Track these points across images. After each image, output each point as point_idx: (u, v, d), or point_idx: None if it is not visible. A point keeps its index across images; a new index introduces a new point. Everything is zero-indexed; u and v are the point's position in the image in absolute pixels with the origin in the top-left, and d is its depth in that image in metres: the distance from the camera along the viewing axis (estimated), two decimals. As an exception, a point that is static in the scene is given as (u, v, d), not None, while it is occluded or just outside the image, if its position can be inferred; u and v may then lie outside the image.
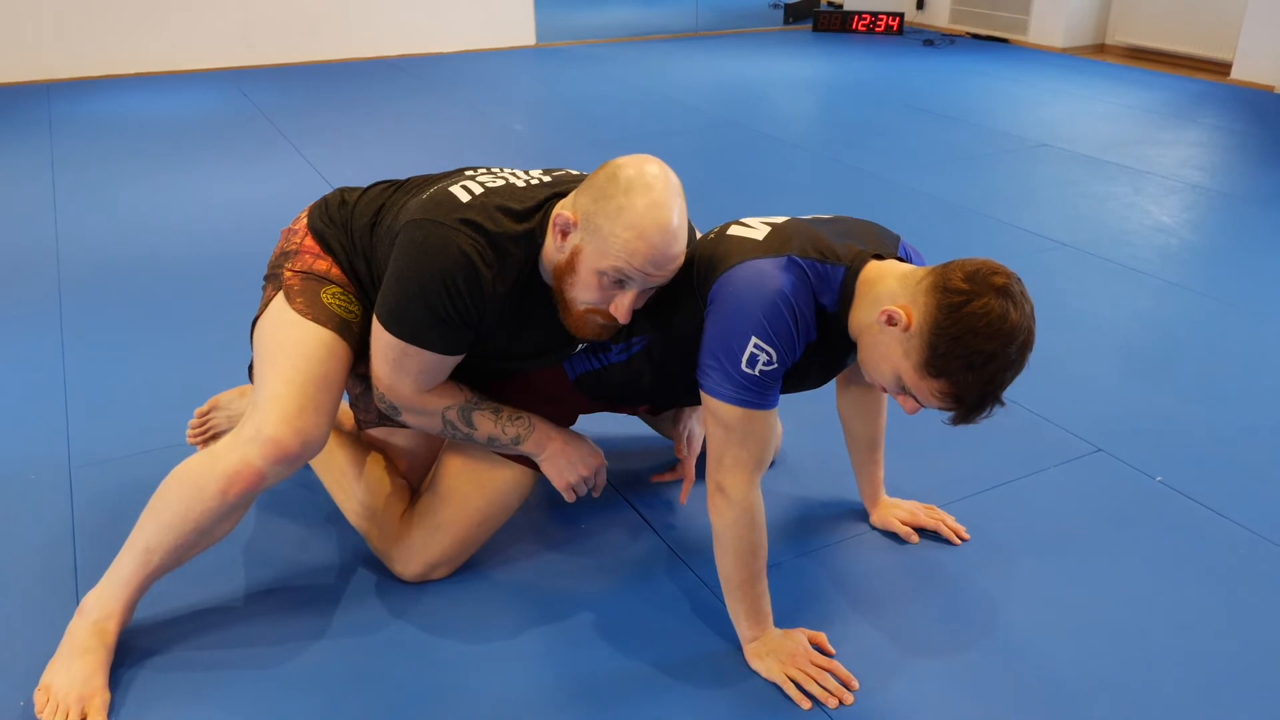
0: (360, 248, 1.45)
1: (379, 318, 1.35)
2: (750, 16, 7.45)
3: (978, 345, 1.13)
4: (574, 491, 1.51)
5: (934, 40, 6.32)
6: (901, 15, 6.57)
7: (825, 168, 3.71)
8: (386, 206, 1.46)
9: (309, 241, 1.48)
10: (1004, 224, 3.12)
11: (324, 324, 1.39)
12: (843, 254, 1.29)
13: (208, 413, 1.76)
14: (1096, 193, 3.43)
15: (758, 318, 1.24)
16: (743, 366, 1.25)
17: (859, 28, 6.62)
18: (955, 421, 1.21)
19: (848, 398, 1.63)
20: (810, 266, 1.27)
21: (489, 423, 1.44)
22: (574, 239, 1.28)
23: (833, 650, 1.40)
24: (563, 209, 1.31)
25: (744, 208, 3.21)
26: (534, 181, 1.41)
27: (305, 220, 1.53)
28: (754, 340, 1.24)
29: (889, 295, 1.23)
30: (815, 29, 6.73)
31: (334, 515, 1.71)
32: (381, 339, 1.35)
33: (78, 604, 1.41)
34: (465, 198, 1.34)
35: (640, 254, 1.24)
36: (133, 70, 5.26)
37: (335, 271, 1.45)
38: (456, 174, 1.44)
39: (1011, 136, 4.14)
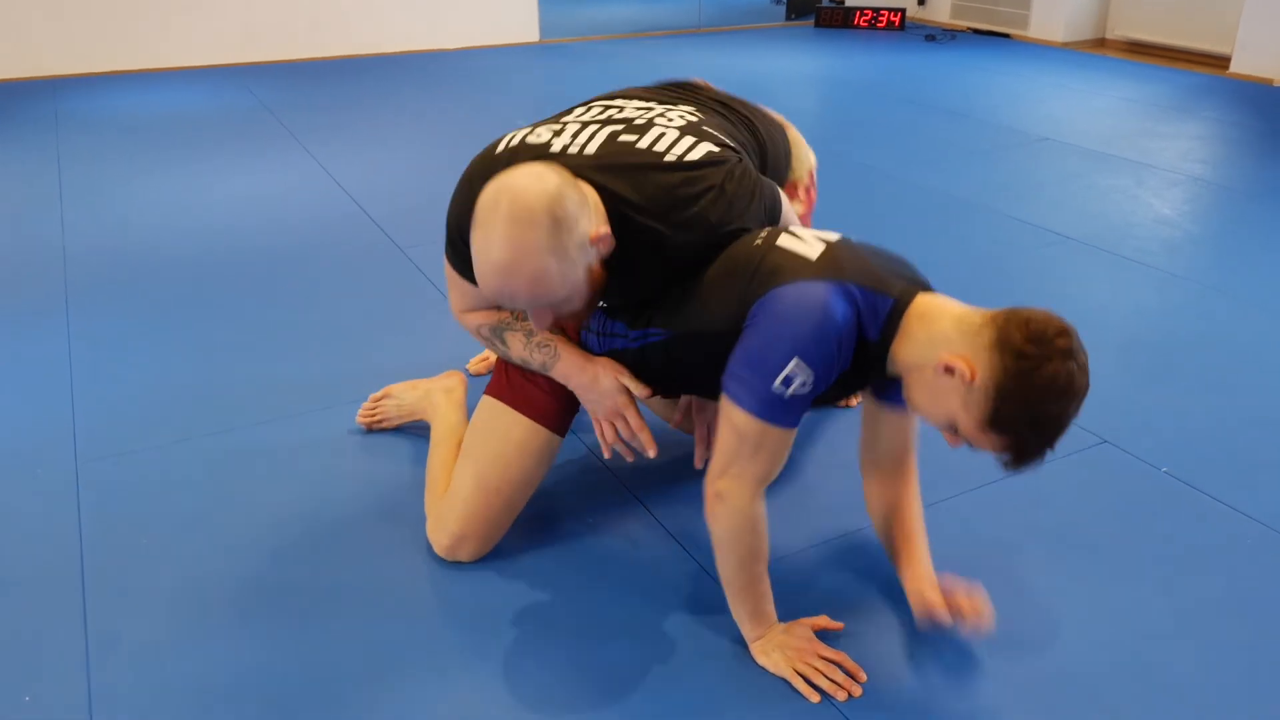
0: None
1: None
2: (752, 12, 7.45)
3: (1044, 410, 1.14)
4: (612, 444, 1.50)
5: (936, 36, 6.33)
6: (903, 11, 6.57)
7: (828, 163, 3.71)
8: None
9: None
10: (1008, 218, 3.14)
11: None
12: (892, 285, 1.27)
13: (380, 399, 1.92)
14: (1099, 186, 3.45)
15: (806, 340, 1.21)
16: (777, 383, 1.22)
17: (861, 23, 6.62)
18: (1008, 468, 1.21)
19: (872, 479, 1.52)
20: (863, 296, 1.25)
21: (519, 344, 1.50)
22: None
23: (839, 625, 1.41)
24: None
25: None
26: (573, 153, 1.40)
27: None
28: (796, 360, 1.21)
29: (944, 340, 1.21)
30: (817, 25, 6.73)
31: (358, 504, 1.72)
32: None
33: (84, 600, 1.45)
34: (500, 149, 1.43)
35: (487, 289, 1.28)
36: (138, 66, 5.26)
37: None
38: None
39: (1014, 131, 4.15)
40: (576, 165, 1.36)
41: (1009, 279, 2.68)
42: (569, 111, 1.51)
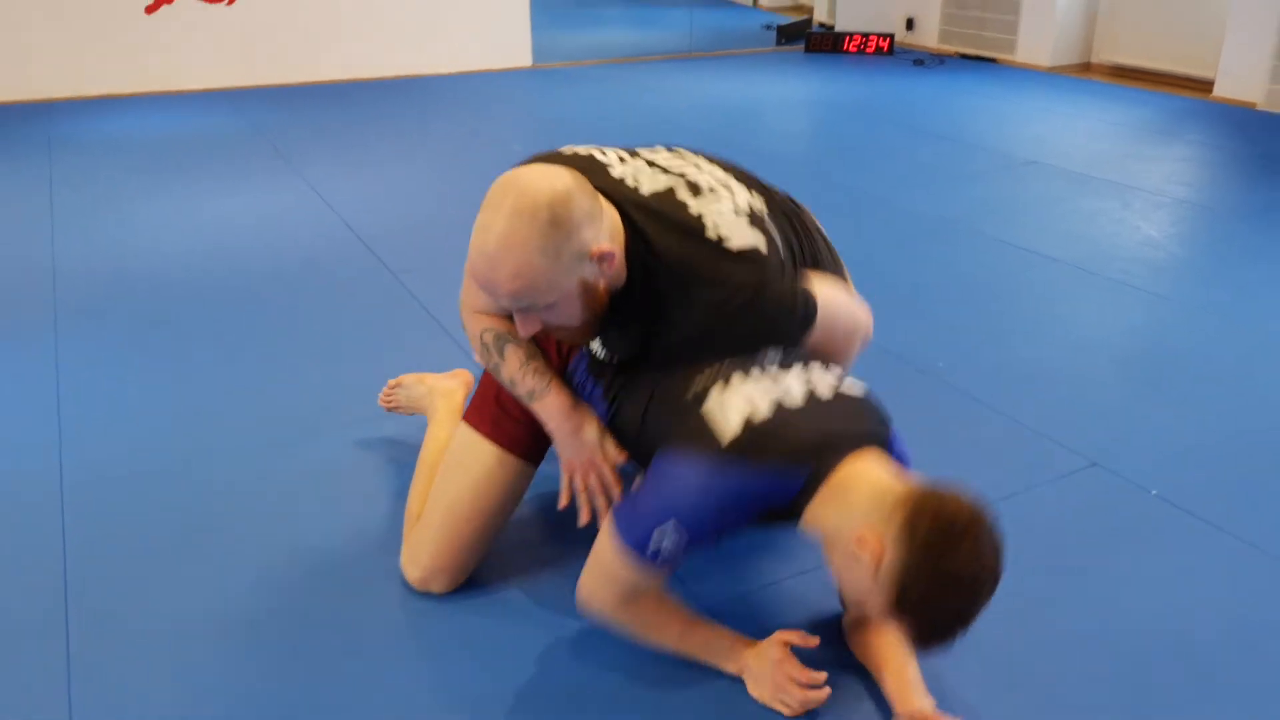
0: None
1: None
2: (743, 38, 7.53)
3: (946, 604, 1.12)
4: (579, 494, 1.44)
5: (924, 60, 6.40)
6: (892, 36, 6.65)
7: (818, 186, 3.75)
8: None
9: None
10: (995, 240, 3.16)
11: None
12: (814, 456, 1.22)
13: (395, 386, 1.96)
14: (1085, 208, 3.48)
15: (684, 509, 1.22)
16: (652, 535, 1.24)
17: (850, 49, 6.70)
18: (916, 648, 1.20)
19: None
20: (769, 475, 1.22)
21: (516, 361, 1.44)
22: None
23: (813, 641, 1.34)
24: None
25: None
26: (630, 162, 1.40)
27: None
28: (673, 522, 1.23)
29: (860, 514, 1.18)
30: (807, 50, 6.80)
31: (346, 532, 1.72)
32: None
33: (66, 625, 1.44)
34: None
35: (471, 270, 1.27)
36: (132, 90, 5.28)
37: None
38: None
39: (1001, 154, 4.19)
40: (622, 197, 1.33)
41: (996, 301, 2.70)
42: (652, 149, 1.48)
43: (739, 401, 1.27)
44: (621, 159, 1.41)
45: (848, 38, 6.70)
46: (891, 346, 2.43)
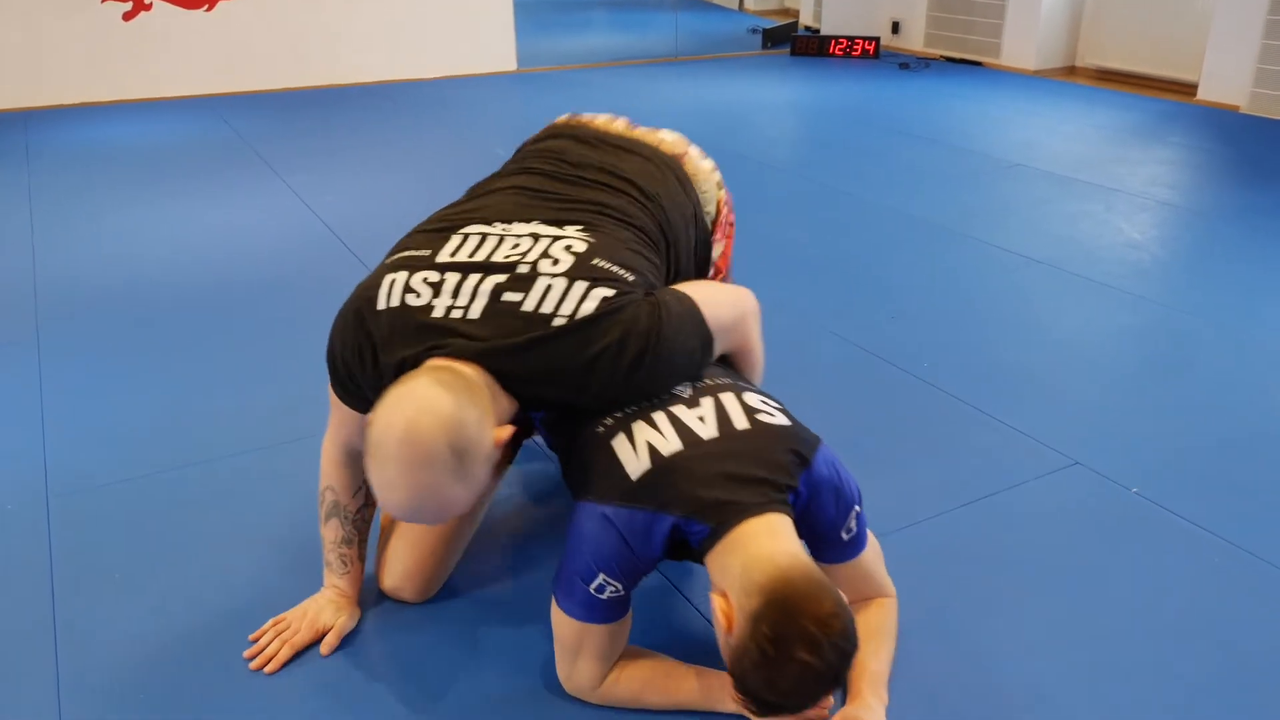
0: None
1: None
2: (729, 41, 7.54)
3: (768, 692, 1.12)
4: (271, 632, 1.46)
5: (909, 64, 6.42)
6: (877, 39, 6.67)
7: (804, 189, 3.75)
8: (451, 208, 1.50)
9: None
10: (980, 242, 3.17)
11: None
12: (715, 513, 1.21)
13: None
14: (1069, 211, 3.49)
15: (605, 555, 1.23)
16: (590, 591, 1.25)
17: (836, 52, 6.72)
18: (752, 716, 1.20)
19: None
20: (673, 519, 1.22)
21: (332, 535, 1.47)
22: None
23: None
24: None
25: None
26: (457, 316, 1.27)
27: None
28: (601, 573, 1.23)
29: (729, 578, 1.17)
30: (793, 53, 6.82)
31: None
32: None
33: (54, 634, 1.42)
34: (381, 304, 1.30)
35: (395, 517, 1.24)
36: (112, 98, 5.26)
37: None
38: (444, 235, 1.37)
39: (986, 157, 4.21)
40: (462, 345, 1.24)
41: (980, 302, 2.71)
42: (445, 233, 1.37)
43: (649, 436, 1.26)
44: (434, 286, 1.28)
45: (833, 41, 6.72)
46: (875, 348, 2.43)
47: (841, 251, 3.09)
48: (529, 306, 1.25)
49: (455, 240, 1.35)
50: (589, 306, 1.25)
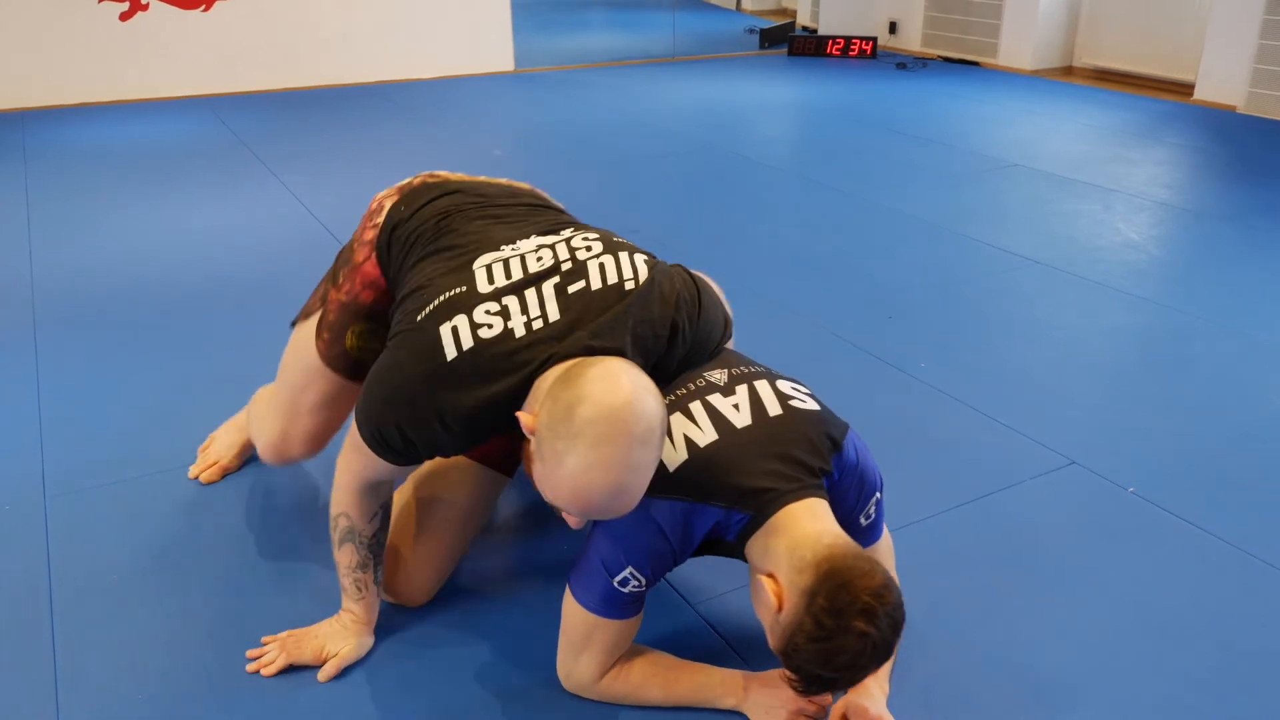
0: (402, 279, 1.41)
1: (355, 411, 1.33)
2: (726, 42, 7.55)
3: (823, 669, 1.13)
4: (274, 645, 1.45)
5: (907, 64, 6.43)
6: (875, 40, 6.68)
7: (801, 189, 3.75)
8: (421, 265, 1.37)
9: (369, 266, 1.48)
10: (977, 242, 3.18)
11: (335, 368, 1.52)
12: (755, 501, 1.22)
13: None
14: (1067, 211, 3.50)
15: (638, 547, 1.23)
16: (613, 584, 1.25)
17: (833, 52, 6.72)
18: (793, 688, 1.19)
19: None
20: (713, 511, 1.23)
21: (347, 560, 1.43)
22: (532, 444, 1.16)
23: None
24: (531, 402, 1.21)
25: (722, 229, 3.25)
26: (540, 326, 1.24)
27: (376, 231, 1.47)
28: (630, 566, 1.24)
29: (775, 559, 1.19)
30: (790, 54, 6.82)
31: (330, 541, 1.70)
32: (351, 430, 1.35)
33: (52, 634, 1.41)
34: (451, 353, 1.23)
35: (575, 506, 1.14)
36: (109, 98, 5.25)
37: (380, 302, 1.47)
38: (466, 272, 1.30)
39: (983, 157, 4.21)
40: (558, 346, 1.23)
41: (977, 302, 2.71)
42: (464, 269, 1.31)
43: (685, 428, 1.26)
44: (500, 313, 1.25)
45: (831, 41, 6.72)
46: (873, 347, 2.43)
47: (838, 251, 3.09)
48: (596, 285, 1.29)
49: (481, 271, 1.31)
50: (643, 269, 1.32)
